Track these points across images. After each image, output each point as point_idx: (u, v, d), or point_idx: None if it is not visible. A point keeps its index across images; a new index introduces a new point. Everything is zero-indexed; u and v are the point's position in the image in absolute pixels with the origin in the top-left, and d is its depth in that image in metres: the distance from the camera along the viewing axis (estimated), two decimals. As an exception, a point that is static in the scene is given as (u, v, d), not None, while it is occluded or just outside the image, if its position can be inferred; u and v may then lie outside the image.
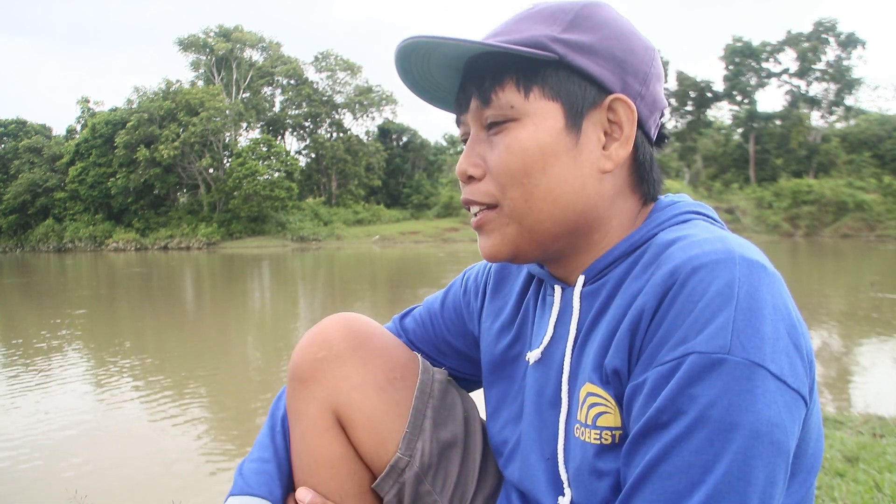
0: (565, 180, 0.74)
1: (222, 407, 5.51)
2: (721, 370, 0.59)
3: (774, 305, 0.62)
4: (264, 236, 43.01)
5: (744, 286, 0.62)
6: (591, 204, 0.75)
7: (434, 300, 1.09)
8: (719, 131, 46.90)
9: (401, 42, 0.73)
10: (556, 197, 0.74)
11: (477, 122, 0.77)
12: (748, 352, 0.59)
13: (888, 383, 5.56)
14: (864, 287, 12.28)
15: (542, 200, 0.74)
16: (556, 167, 0.73)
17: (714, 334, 0.60)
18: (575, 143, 0.74)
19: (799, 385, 0.61)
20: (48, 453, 4.34)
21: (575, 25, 0.74)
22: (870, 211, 35.25)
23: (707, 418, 0.58)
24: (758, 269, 0.64)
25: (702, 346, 0.60)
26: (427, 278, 16.99)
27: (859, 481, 2.38)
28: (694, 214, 0.77)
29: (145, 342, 8.99)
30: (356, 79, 52.12)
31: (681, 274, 0.64)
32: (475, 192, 0.77)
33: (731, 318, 0.60)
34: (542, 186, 0.73)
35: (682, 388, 0.60)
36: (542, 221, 0.75)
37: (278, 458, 0.95)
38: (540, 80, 0.73)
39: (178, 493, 3.52)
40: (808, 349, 0.64)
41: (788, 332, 0.62)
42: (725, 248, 0.65)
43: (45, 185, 48.22)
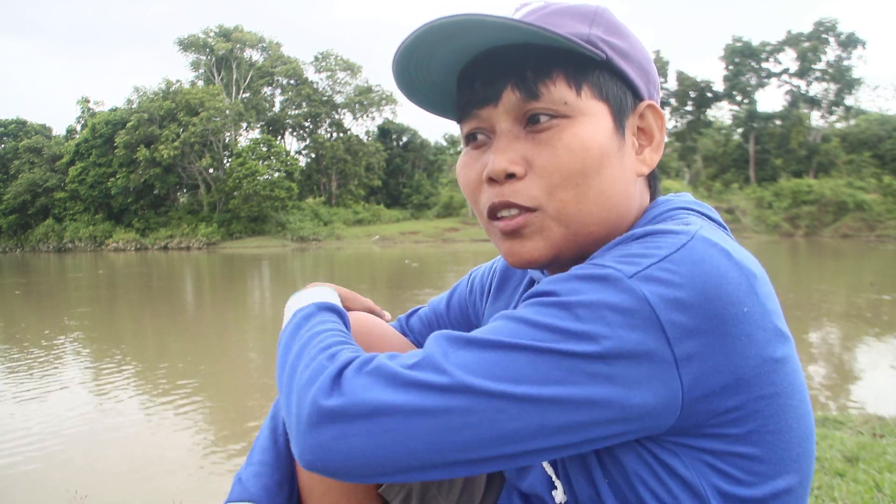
0: (615, 182, 0.72)
1: (222, 407, 5.51)
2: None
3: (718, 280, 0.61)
4: (264, 236, 43.01)
5: (687, 249, 0.62)
6: (628, 206, 0.75)
7: (440, 301, 1.08)
8: (719, 131, 46.89)
9: (435, 21, 0.68)
10: (605, 199, 0.72)
11: (513, 116, 0.72)
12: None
13: (888, 383, 5.56)
14: (864, 287, 12.28)
15: (593, 203, 0.71)
16: (608, 169, 0.71)
17: (623, 257, 0.62)
18: (622, 145, 0.73)
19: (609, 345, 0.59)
20: (48, 453, 4.33)
21: (611, 29, 0.73)
22: (870, 211, 35.24)
23: None
24: (718, 249, 0.63)
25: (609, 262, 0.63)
26: (427, 278, 16.98)
27: (859, 481, 2.38)
28: (684, 211, 0.74)
29: (145, 342, 8.99)
30: (356, 79, 52.17)
31: (635, 236, 0.66)
32: (515, 193, 0.71)
33: (657, 257, 0.61)
34: (594, 188, 0.71)
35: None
36: (588, 224, 0.72)
37: (279, 461, 0.92)
38: (589, 79, 0.71)
39: (178, 494, 3.52)
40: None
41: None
42: (690, 228, 0.65)
43: (45, 185, 48.23)
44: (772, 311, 0.64)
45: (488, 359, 0.59)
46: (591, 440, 0.61)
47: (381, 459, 0.59)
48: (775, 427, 0.64)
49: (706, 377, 0.60)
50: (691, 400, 0.61)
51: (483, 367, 0.59)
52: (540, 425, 0.59)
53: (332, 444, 0.60)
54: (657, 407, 0.60)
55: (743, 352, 0.61)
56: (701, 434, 0.63)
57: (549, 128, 0.70)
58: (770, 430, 0.64)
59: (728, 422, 0.63)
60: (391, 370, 0.61)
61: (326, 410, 0.60)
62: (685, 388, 0.60)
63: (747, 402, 0.62)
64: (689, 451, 0.64)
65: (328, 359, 0.66)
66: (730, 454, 0.64)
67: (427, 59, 0.73)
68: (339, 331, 0.75)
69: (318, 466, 0.61)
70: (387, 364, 0.62)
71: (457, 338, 0.62)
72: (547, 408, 0.58)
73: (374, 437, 0.59)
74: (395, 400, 0.59)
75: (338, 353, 0.67)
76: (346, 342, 0.72)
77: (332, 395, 0.61)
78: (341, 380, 0.62)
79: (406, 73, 0.75)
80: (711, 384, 0.60)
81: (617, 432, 0.61)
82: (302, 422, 0.61)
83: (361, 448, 0.59)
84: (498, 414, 0.58)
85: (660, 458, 0.65)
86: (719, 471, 0.64)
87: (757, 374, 0.62)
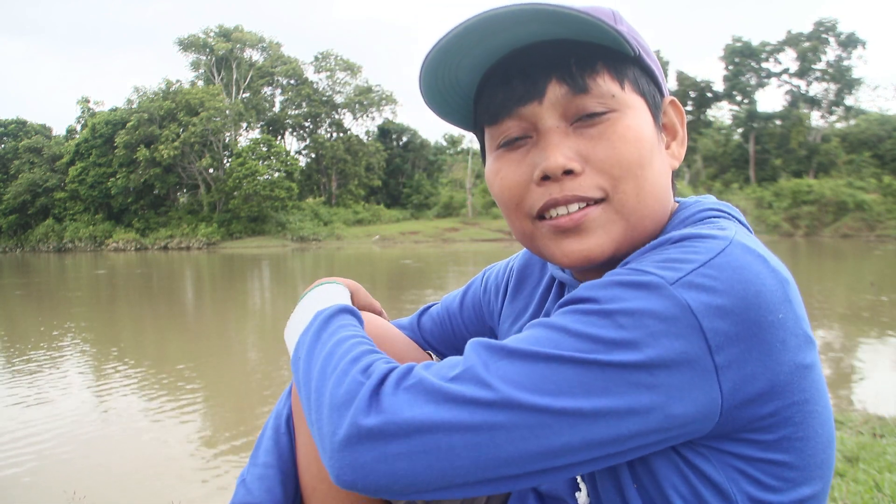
0: (662, 174, 0.73)
1: (222, 407, 5.51)
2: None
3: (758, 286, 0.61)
4: (264, 236, 43.01)
5: (726, 255, 0.61)
6: (670, 200, 0.75)
7: (453, 299, 1.08)
8: (719, 131, 46.87)
9: (484, 13, 0.66)
10: (658, 191, 0.72)
11: (559, 112, 0.70)
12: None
13: (888, 383, 5.55)
14: (864, 287, 12.28)
15: (649, 195, 0.71)
16: (657, 160, 0.72)
17: (664, 263, 0.62)
18: (661, 139, 0.75)
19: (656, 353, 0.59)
20: (47, 453, 4.33)
21: (631, 27, 0.74)
22: (870, 211, 35.22)
23: None
24: (755, 256, 0.63)
25: (648, 266, 0.62)
26: (427, 278, 16.97)
27: (859, 481, 2.38)
28: (716, 212, 0.74)
29: (145, 342, 8.99)
30: (356, 79, 52.20)
31: (672, 240, 0.66)
32: (578, 187, 0.69)
33: (697, 262, 0.61)
34: (650, 180, 0.70)
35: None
36: (645, 217, 0.71)
37: (282, 462, 0.91)
38: (627, 73, 0.71)
39: (178, 494, 3.52)
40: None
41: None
42: (727, 234, 0.65)
43: (45, 185, 48.24)
44: (802, 317, 0.64)
45: (531, 371, 0.58)
46: (634, 449, 0.61)
47: (424, 477, 0.58)
48: (804, 434, 0.64)
49: (744, 384, 0.60)
50: (730, 407, 0.60)
51: (526, 380, 0.58)
52: (585, 439, 0.58)
53: (374, 464, 0.58)
54: (697, 415, 0.60)
55: (778, 358, 0.61)
56: (736, 439, 0.63)
57: (601, 122, 0.69)
58: (799, 437, 0.64)
59: (762, 428, 0.62)
60: (432, 385, 0.59)
61: (366, 430, 0.58)
62: (724, 395, 0.59)
63: (781, 409, 0.62)
64: (722, 456, 0.64)
65: (362, 372, 0.64)
66: (762, 460, 0.63)
67: (460, 58, 0.71)
68: (363, 337, 0.74)
69: (359, 486, 0.59)
70: (427, 378, 0.60)
71: (498, 348, 0.61)
72: (592, 421, 0.58)
73: (417, 456, 0.57)
74: (438, 416, 0.57)
75: (372, 366, 0.64)
76: (374, 350, 0.70)
77: (370, 414, 0.59)
78: (380, 396, 0.60)
79: (434, 74, 0.73)
80: (749, 391, 0.60)
81: (658, 440, 0.61)
82: (338, 440, 0.59)
83: (404, 467, 0.58)
84: (543, 429, 0.57)
85: (692, 462, 0.64)
86: (750, 477, 0.64)
87: (790, 381, 0.62)
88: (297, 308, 0.89)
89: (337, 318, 0.78)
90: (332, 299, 0.86)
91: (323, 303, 0.84)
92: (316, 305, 0.84)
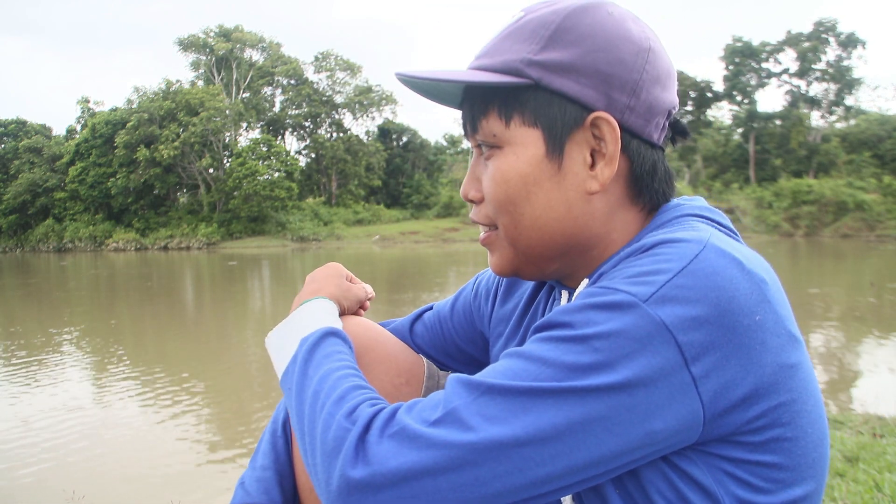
0: (550, 207, 0.73)
1: (222, 408, 5.51)
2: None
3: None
4: (264, 236, 43.00)
5: (699, 261, 0.62)
6: (581, 225, 0.74)
7: (444, 304, 1.09)
8: (719, 131, 46.86)
9: (398, 75, 0.76)
10: (542, 224, 0.74)
11: (476, 147, 0.78)
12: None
13: (888, 383, 5.55)
14: (864, 287, 12.28)
15: (530, 228, 0.74)
16: (539, 195, 0.73)
17: (637, 279, 0.62)
18: (558, 168, 0.72)
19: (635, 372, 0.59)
20: (47, 453, 4.33)
21: (554, 41, 0.71)
22: (870, 211, 35.21)
23: None
24: (729, 259, 0.63)
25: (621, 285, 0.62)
26: (427, 278, 16.97)
27: (859, 481, 2.38)
28: (694, 217, 0.73)
29: (145, 342, 8.99)
30: (356, 79, 52.16)
31: (644, 247, 0.66)
32: (478, 213, 0.79)
33: (670, 272, 0.61)
34: (527, 215, 0.73)
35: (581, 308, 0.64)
36: (532, 247, 0.75)
37: (279, 464, 0.93)
38: (520, 107, 0.72)
39: (178, 494, 3.52)
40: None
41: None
42: (700, 236, 0.65)
43: (45, 185, 48.20)
44: (784, 316, 0.64)
45: (511, 406, 0.60)
46: (620, 467, 0.62)
47: None
48: (793, 434, 0.64)
49: (726, 391, 0.60)
50: (713, 416, 0.60)
51: (507, 416, 0.59)
52: (568, 465, 0.59)
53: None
54: (680, 428, 0.60)
55: (759, 360, 0.61)
56: (723, 442, 0.63)
57: (489, 157, 0.76)
58: (788, 437, 0.64)
59: (749, 431, 0.62)
60: (415, 431, 0.61)
61: (355, 483, 0.60)
62: (706, 405, 0.60)
63: (768, 411, 0.62)
64: (708, 459, 0.64)
65: (346, 417, 0.65)
66: (749, 462, 0.63)
67: (431, 88, 0.79)
68: (348, 367, 0.75)
69: None
70: (410, 424, 0.61)
71: (476, 384, 0.62)
72: (574, 447, 0.59)
73: (406, 501, 0.59)
74: (423, 463, 0.59)
75: (356, 410, 0.66)
76: (359, 385, 0.71)
77: (357, 465, 0.61)
78: (366, 446, 0.62)
79: (419, 88, 0.80)
80: (732, 397, 0.60)
81: (643, 456, 0.62)
82: (332, 491, 0.62)
83: None
84: (526, 462, 0.59)
85: (678, 465, 0.64)
86: (738, 479, 0.64)
87: (775, 382, 0.62)
88: (280, 327, 0.88)
89: (321, 346, 0.79)
90: (316, 322, 0.86)
91: (307, 327, 0.84)
92: (300, 331, 0.84)
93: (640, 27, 0.74)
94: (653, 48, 0.73)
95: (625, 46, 0.72)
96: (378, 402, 0.68)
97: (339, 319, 0.92)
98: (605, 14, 0.73)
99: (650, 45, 0.73)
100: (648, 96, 0.72)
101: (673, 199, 0.79)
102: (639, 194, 0.75)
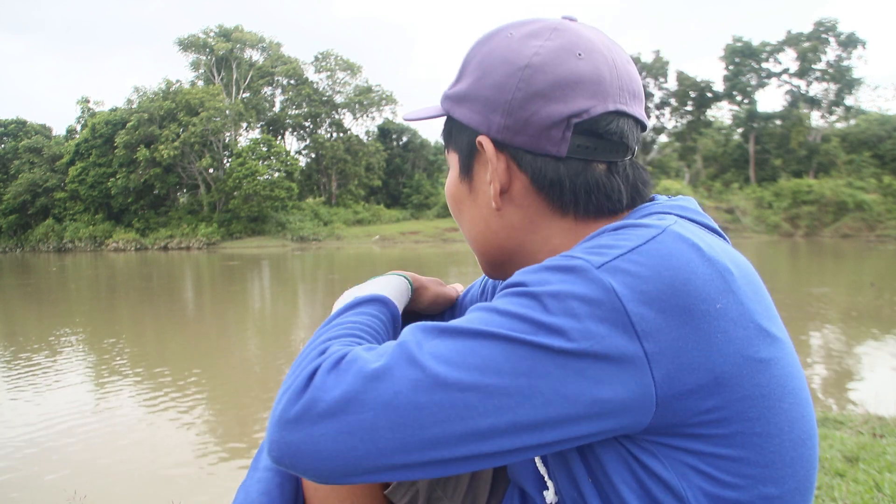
0: (473, 222, 0.81)
1: (222, 408, 5.51)
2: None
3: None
4: (264, 236, 43.00)
5: (656, 242, 0.62)
6: (505, 237, 0.79)
7: (462, 300, 1.12)
8: (719, 131, 46.91)
9: (406, 119, 0.88)
10: (474, 236, 0.82)
11: None
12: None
13: (888, 383, 5.56)
14: (864, 287, 12.29)
15: (470, 240, 0.83)
16: (465, 212, 0.82)
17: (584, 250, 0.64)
18: (469, 188, 0.80)
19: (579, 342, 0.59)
20: (48, 453, 4.33)
21: (462, 74, 0.79)
22: (870, 211, 35.26)
23: None
24: (689, 245, 0.63)
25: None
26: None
27: (859, 481, 2.38)
28: (664, 214, 0.71)
29: (145, 343, 8.99)
30: (356, 79, 52.16)
31: (603, 231, 0.70)
32: None
33: (625, 248, 0.62)
34: (464, 227, 0.83)
35: None
36: (481, 254, 0.83)
37: None
38: (447, 134, 0.82)
39: (178, 494, 3.52)
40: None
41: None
42: (661, 224, 0.65)
43: (45, 185, 48.20)
44: (753, 310, 0.63)
45: (460, 348, 0.59)
46: (567, 439, 0.60)
47: (349, 458, 0.57)
48: (763, 430, 0.63)
49: (681, 374, 0.59)
50: (667, 398, 0.59)
51: (455, 356, 0.58)
52: (511, 421, 0.58)
53: (300, 444, 0.58)
54: (630, 403, 0.59)
55: (720, 350, 0.60)
56: (681, 434, 0.62)
57: None
58: (757, 433, 0.63)
59: (709, 422, 0.61)
60: (360, 364, 0.59)
61: (295, 413, 0.58)
62: (658, 384, 0.59)
63: (729, 403, 0.61)
64: (668, 452, 0.63)
65: (318, 355, 0.64)
66: (712, 455, 0.62)
67: None
68: (360, 324, 0.74)
69: (288, 465, 0.59)
70: (358, 357, 0.60)
71: (431, 327, 0.62)
72: (518, 401, 0.57)
73: (341, 437, 0.57)
74: (363, 394, 0.57)
75: (328, 349, 0.65)
76: (353, 335, 0.70)
77: (301, 395, 0.59)
78: (314, 377, 0.60)
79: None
80: (687, 382, 0.59)
81: (593, 430, 0.60)
82: (274, 419, 0.60)
83: (329, 448, 0.57)
84: (469, 409, 0.57)
85: (640, 459, 0.64)
86: (702, 472, 0.63)
87: (738, 374, 0.61)
88: (351, 290, 0.91)
89: (365, 306, 0.80)
90: (378, 289, 0.88)
91: (369, 290, 0.87)
92: (363, 290, 0.87)
93: (537, 43, 0.73)
94: (531, 64, 0.72)
95: (501, 69, 0.73)
96: (355, 345, 0.66)
97: (404, 296, 0.93)
98: (503, 38, 0.75)
99: (529, 63, 0.72)
100: (524, 112, 0.72)
101: (647, 199, 0.77)
102: (561, 204, 0.74)
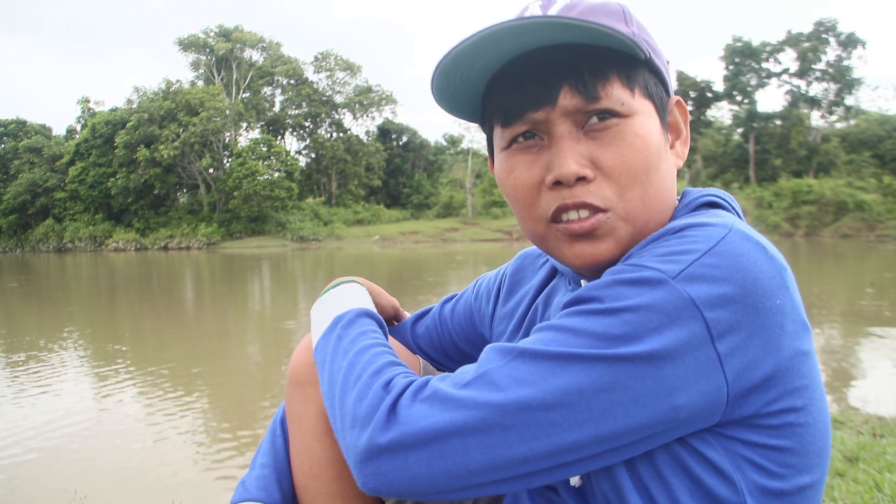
0: (667, 177, 0.74)
1: (222, 408, 5.51)
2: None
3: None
4: (264, 236, 43.00)
5: (725, 243, 0.63)
6: (674, 200, 0.77)
7: (445, 306, 1.11)
8: (719, 131, 46.85)
9: (499, 25, 0.67)
10: (663, 194, 0.73)
11: (571, 118, 0.71)
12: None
13: (888, 383, 5.55)
14: (864, 287, 12.28)
15: (654, 199, 0.72)
16: (663, 164, 0.73)
17: (667, 258, 0.63)
18: (667, 140, 0.76)
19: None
20: (48, 453, 4.33)
21: (641, 26, 0.74)
22: (870, 211, 35.22)
23: None
24: (754, 243, 0.64)
25: (651, 263, 0.63)
26: (427, 278, 16.96)
27: (859, 481, 2.38)
28: (714, 198, 0.76)
29: (145, 343, 8.99)
30: (356, 79, 52.22)
31: (671, 231, 0.68)
32: (589, 193, 0.70)
33: (698, 252, 0.62)
34: (655, 184, 0.72)
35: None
36: (649, 221, 0.72)
37: (277, 462, 0.95)
38: (637, 78, 0.72)
39: (178, 494, 3.52)
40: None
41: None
42: (725, 221, 0.67)
43: (45, 185, 48.22)
44: (799, 304, 0.65)
45: (542, 370, 0.60)
46: (642, 440, 0.62)
47: (442, 480, 0.61)
48: (805, 420, 0.65)
49: (748, 371, 0.61)
50: (736, 395, 0.61)
51: (536, 379, 0.60)
52: (594, 434, 0.60)
53: (395, 473, 0.61)
54: (704, 406, 0.60)
55: (779, 343, 0.62)
56: (741, 426, 0.63)
57: (610, 128, 0.70)
58: (801, 423, 0.65)
59: (768, 413, 0.63)
60: (446, 394, 0.62)
61: (385, 444, 0.62)
62: (730, 383, 0.60)
63: (785, 394, 0.63)
64: (727, 443, 0.64)
65: (383, 387, 0.66)
66: (765, 447, 0.64)
67: (473, 61, 0.72)
68: (383, 345, 0.77)
69: (383, 492, 0.63)
70: (441, 388, 0.63)
71: (509, 349, 0.64)
72: (600, 415, 0.59)
73: (434, 462, 0.60)
74: (452, 422, 0.60)
75: (392, 381, 0.67)
76: (395, 361, 0.73)
77: (388, 429, 0.62)
78: (397, 410, 0.63)
79: (446, 77, 0.73)
80: (753, 377, 0.61)
81: (665, 431, 0.62)
82: (360, 453, 0.63)
83: (423, 473, 0.61)
84: (553, 426, 0.59)
85: (697, 449, 0.64)
86: (755, 464, 0.64)
87: (791, 366, 0.63)
88: (320, 302, 0.92)
89: (357, 324, 0.81)
90: (350, 302, 0.89)
91: (341, 306, 0.87)
92: (334, 309, 0.86)
93: None
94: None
95: (653, 38, 0.76)
96: (412, 374, 0.69)
97: (371, 303, 0.94)
98: None
99: None
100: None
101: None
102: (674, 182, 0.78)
